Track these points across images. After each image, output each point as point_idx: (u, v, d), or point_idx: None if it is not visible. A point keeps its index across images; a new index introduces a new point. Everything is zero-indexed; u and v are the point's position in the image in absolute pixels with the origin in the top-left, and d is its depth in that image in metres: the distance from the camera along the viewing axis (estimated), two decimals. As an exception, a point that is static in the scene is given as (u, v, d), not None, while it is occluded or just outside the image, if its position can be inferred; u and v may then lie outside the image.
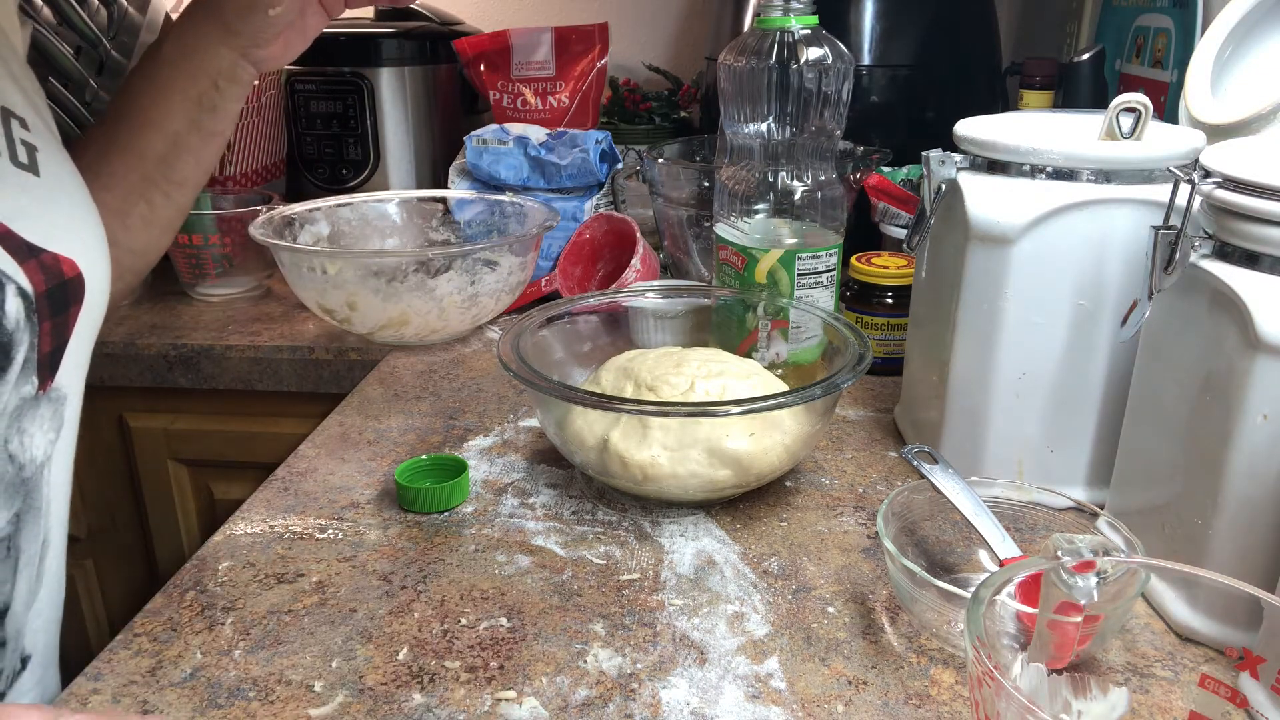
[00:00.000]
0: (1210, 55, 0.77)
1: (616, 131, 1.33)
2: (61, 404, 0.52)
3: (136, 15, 1.05)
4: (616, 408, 0.62)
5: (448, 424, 0.79)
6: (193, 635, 0.53)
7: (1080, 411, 0.64)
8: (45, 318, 0.49)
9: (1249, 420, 0.48)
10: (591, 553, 0.61)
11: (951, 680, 0.50)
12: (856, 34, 1.08)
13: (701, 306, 0.82)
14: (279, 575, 0.59)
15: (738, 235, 0.80)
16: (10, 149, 0.50)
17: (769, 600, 0.57)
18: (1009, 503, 0.58)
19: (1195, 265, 0.51)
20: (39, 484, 0.52)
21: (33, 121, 0.53)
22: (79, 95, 1.01)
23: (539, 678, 0.50)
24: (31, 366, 0.49)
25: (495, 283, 0.92)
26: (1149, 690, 0.48)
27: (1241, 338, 0.48)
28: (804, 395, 0.61)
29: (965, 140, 0.65)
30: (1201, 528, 0.52)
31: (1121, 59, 1.05)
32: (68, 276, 0.50)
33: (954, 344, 0.66)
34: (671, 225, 1.03)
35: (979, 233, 0.62)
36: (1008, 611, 0.42)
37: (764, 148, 0.77)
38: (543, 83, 1.24)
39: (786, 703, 0.49)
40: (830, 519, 0.65)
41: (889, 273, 0.85)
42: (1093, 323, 0.62)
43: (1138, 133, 0.61)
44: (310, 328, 0.99)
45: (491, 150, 1.08)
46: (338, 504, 0.67)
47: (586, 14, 1.52)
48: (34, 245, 0.48)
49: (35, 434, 0.50)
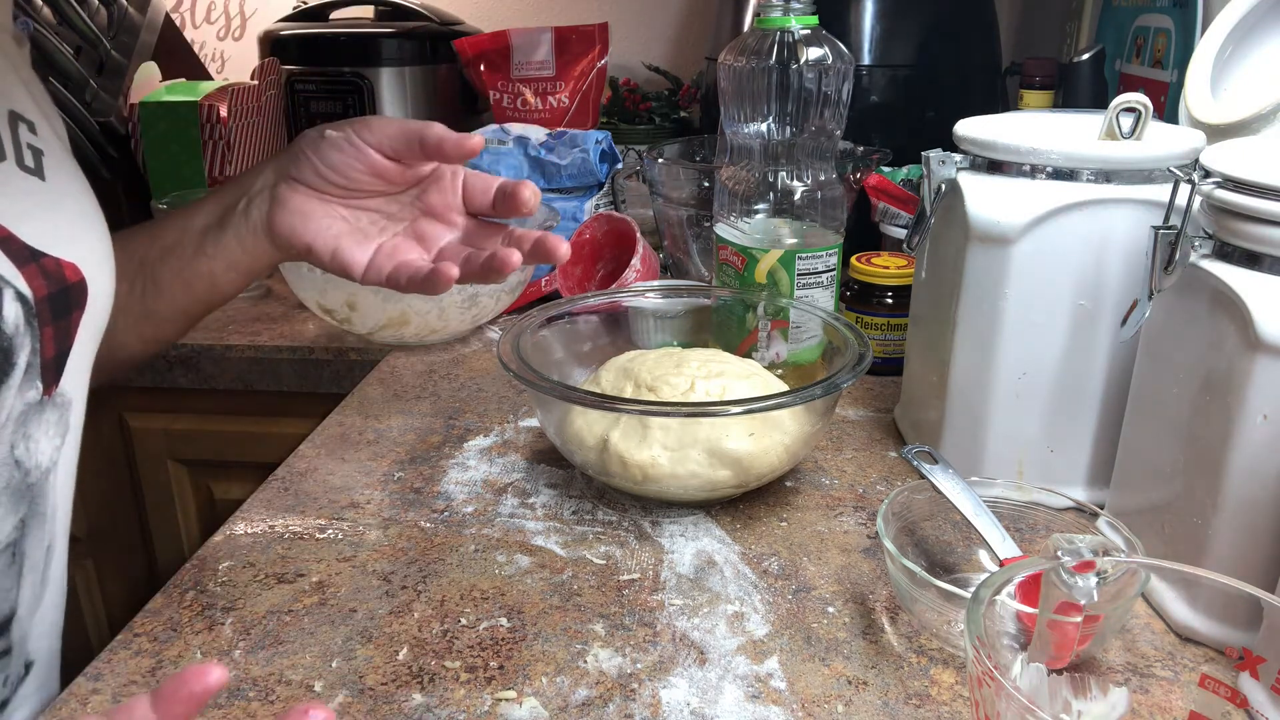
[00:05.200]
0: (1210, 55, 0.77)
1: (616, 131, 1.33)
2: (67, 409, 0.52)
3: (136, 15, 1.05)
4: (616, 408, 0.62)
5: (448, 424, 0.79)
6: (193, 635, 0.53)
7: (1080, 411, 0.64)
8: (46, 322, 0.49)
9: (1249, 420, 0.48)
10: (591, 553, 0.61)
11: (951, 680, 0.50)
12: (856, 34, 1.08)
13: (701, 306, 0.82)
14: (279, 575, 0.59)
15: (738, 235, 0.80)
16: (16, 152, 0.50)
17: (769, 600, 0.57)
18: (1009, 503, 0.58)
19: (1195, 265, 0.51)
20: (45, 490, 0.51)
21: (40, 126, 0.53)
22: (79, 95, 1.01)
23: (539, 678, 0.50)
24: (35, 371, 0.49)
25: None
26: (1149, 690, 0.48)
27: (1241, 338, 0.48)
28: (804, 395, 0.61)
29: (965, 140, 0.65)
30: (1201, 528, 0.52)
31: (1121, 59, 1.05)
32: (70, 281, 0.50)
33: (954, 344, 0.66)
34: (671, 225, 1.03)
35: (979, 233, 0.62)
36: (1008, 611, 0.42)
37: (764, 148, 0.77)
38: (543, 83, 1.24)
39: (786, 703, 0.49)
40: (830, 519, 0.65)
41: (889, 273, 0.85)
42: (1093, 323, 0.62)
43: (1138, 133, 0.61)
44: (310, 328, 0.99)
45: (491, 150, 1.08)
46: (338, 504, 0.67)
47: (586, 14, 1.52)
48: (36, 249, 0.48)
49: (41, 439, 0.50)
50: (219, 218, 0.61)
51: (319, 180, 0.59)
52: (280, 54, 1.26)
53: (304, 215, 0.59)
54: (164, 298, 0.62)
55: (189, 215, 0.62)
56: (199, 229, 0.61)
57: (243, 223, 0.60)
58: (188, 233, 0.62)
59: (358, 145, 0.57)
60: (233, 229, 0.60)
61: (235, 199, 0.61)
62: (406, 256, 0.58)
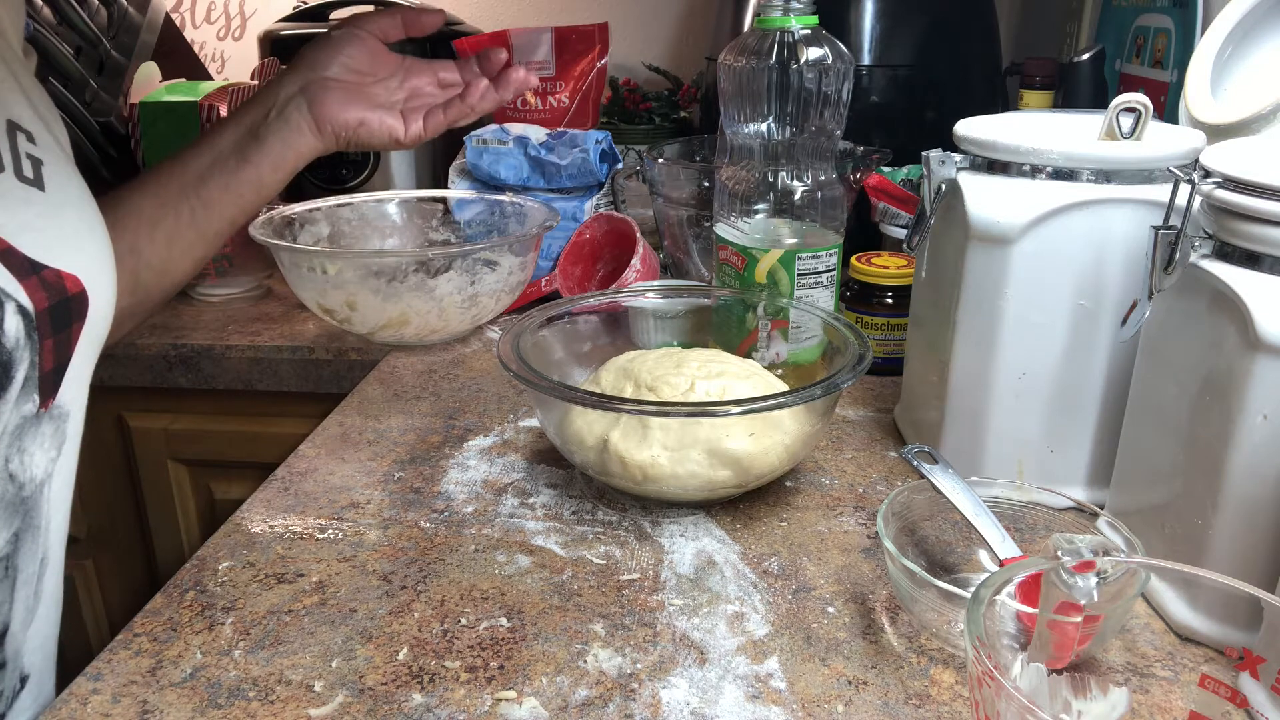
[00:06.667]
0: (1210, 55, 0.77)
1: (616, 131, 1.33)
2: (63, 421, 0.52)
3: (136, 15, 1.05)
4: (616, 408, 0.62)
5: (448, 424, 0.79)
6: (193, 635, 0.53)
7: (1080, 411, 0.64)
8: (46, 335, 0.48)
9: (1249, 420, 0.48)
10: (591, 553, 0.61)
11: (951, 680, 0.50)
12: (856, 34, 1.08)
13: (701, 306, 0.82)
14: (279, 575, 0.59)
15: (738, 235, 0.80)
16: (15, 163, 0.49)
17: (769, 600, 0.57)
18: (1009, 503, 0.58)
19: (1195, 265, 0.51)
20: (39, 502, 0.51)
21: (40, 135, 0.52)
22: (79, 95, 1.01)
23: (539, 678, 0.50)
24: (33, 385, 0.48)
25: (495, 283, 0.92)
26: (1149, 690, 0.48)
27: (1241, 338, 0.48)
28: (804, 395, 0.61)
29: (965, 140, 0.65)
30: (1201, 528, 0.52)
31: (1121, 59, 1.05)
32: (70, 293, 0.50)
33: (954, 344, 0.66)
34: (671, 225, 1.03)
35: (979, 233, 0.62)
36: (1008, 611, 0.42)
37: (764, 148, 0.77)
38: (543, 83, 1.24)
39: (786, 703, 0.49)
40: (830, 519, 0.65)
41: (889, 273, 0.85)
42: (1093, 323, 0.62)
43: (1138, 133, 0.60)
44: (310, 328, 0.99)
45: (491, 150, 1.08)
46: (338, 504, 0.67)
47: (586, 14, 1.52)
48: (36, 261, 0.48)
49: (36, 453, 0.50)
50: (249, 131, 0.70)
51: (346, 71, 0.72)
52: (280, 54, 1.26)
53: (343, 103, 0.71)
54: (214, 212, 0.70)
55: (213, 140, 0.70)
56: (230, 147, 0.70)
57: (283, 127, 0.70)
58: (220, 152, 0.70)
59: (363, 37, 0.73)
60: (273, 135, 0.70)
61: (261, 113, 0.70)
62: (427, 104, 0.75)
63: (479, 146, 1.08)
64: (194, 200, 0.69)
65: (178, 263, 0.70)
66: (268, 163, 0.70)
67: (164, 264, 0.70)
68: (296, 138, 0.70)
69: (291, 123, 0.70)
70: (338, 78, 0.71)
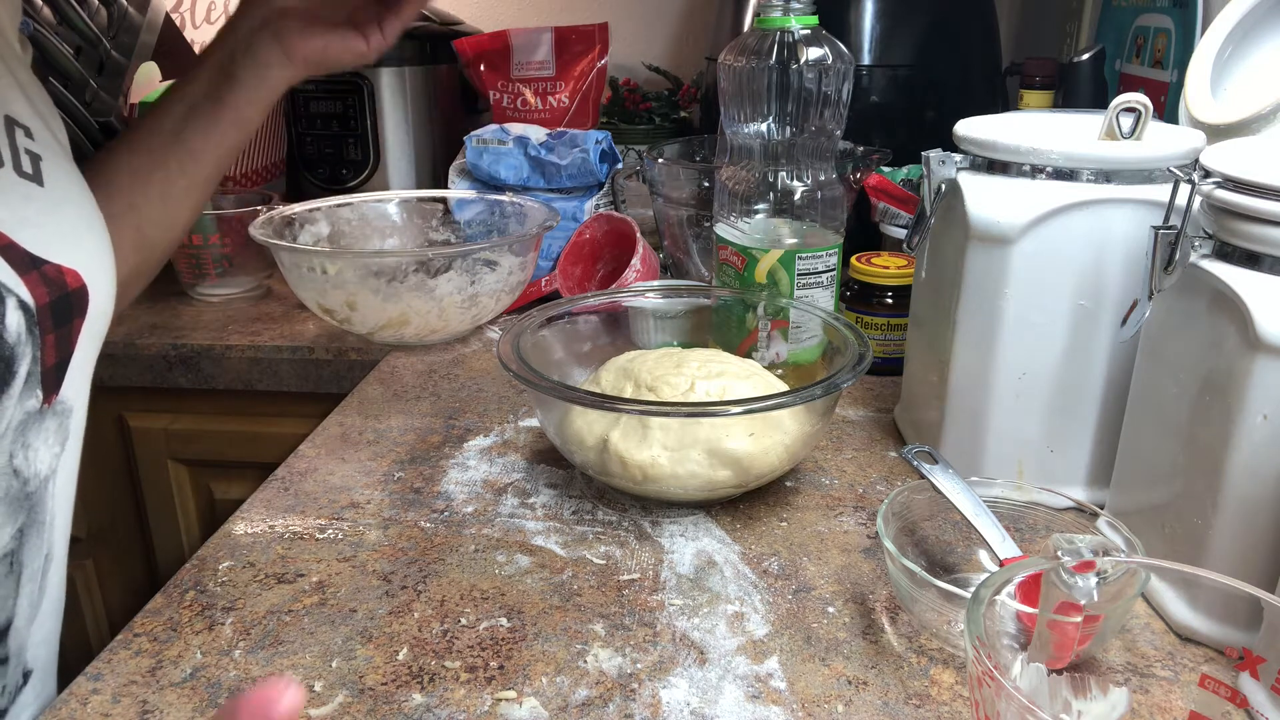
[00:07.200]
0: (1210, 55, 0.77)
1: (616, 131, 1.33)
2: (67, 417, 0.52)
3: (136, 15, 1.05)
4: (616, 408, 0.62)
5: (448, 424, 0.79)
6: (193, 635, 0.53)
7: (1080, 411, 0.64)
8: (48, 330, 0.48)
9: (1249, 420, 0.48)
10: (591, 553, 0.61)
11: (951, 680, 0.50)
12: (856, 34, 1.08)
13: (701, 306, 0.82)
14: (279, 575, 0.59)
15: (738, 235, 0.80)
16: (14, 158, 0.49)
17: (769, 600, 0.57)
18: (1009, 503, 0.58)
19: (1195, 265, 0.51)
20: (43, 498, 0.51)
21: (38, 130, 0.52)
22: (79, 95, 1.01)
23: (539, 678, 0.50)
24: (35, 380, 0.48)
25: (495, 283, 0.92)
26: (1149, 690, 0.48)
27: (1241, 338, 0.48)
28: (804, 395, 0.61)
29: (965, 140, 0.65)
30: (1201, 528, 0.52)
31: (1121, 59, 1.05)
32: (71, 288, 0.50)
33: (954, 344, 0.66)
34: (671, 225, 1.03)
35: (979, 233, 0.62)
36: (1008, 611, 0.42)
37: (764, 148, 0.77)
38: (543, 83, 1.24)
39: (786, 703, 0.49)
40: (830, 519, 0.65)
41: (889, 273, 0.85)
42: (1093, 323, 0.62)
43: (1138, 133, 0.60)
44: (310, 328, 0.99)
45: (491, 150, 1.08)
46: (338, 504, 0.67)
47: (586, 14, 1.52)
48: (36, 256, 0.48)
49: (40, 448, 0.50)
50: (220, 71, 0.69)
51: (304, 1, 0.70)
52: (280, 54, 1.26)
53: (303, 31, 0.70)
54: (201, 159, 0.70)
55: (183, 90, 0.70)
56: (203, 92, 0.69)
57: (251, 64, 0.69)
58: (194, 99, 0.69)
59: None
60: (244, 72, 0.69)
61: (226, 53, 0.70)
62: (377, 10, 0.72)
63: (479, 146, 1.08)
64: (179, 150, 0.69)
65: (176, 213, 0.71)
66: (244, 99, 0.69)
67: (163, 216, 0.70)
68: (269, 71, 0.70)
69: (260, 57, 0.69)
70: (293, 6, 0.70)
